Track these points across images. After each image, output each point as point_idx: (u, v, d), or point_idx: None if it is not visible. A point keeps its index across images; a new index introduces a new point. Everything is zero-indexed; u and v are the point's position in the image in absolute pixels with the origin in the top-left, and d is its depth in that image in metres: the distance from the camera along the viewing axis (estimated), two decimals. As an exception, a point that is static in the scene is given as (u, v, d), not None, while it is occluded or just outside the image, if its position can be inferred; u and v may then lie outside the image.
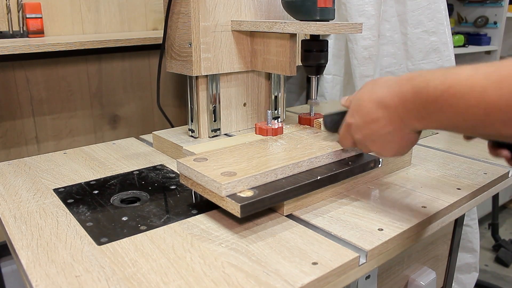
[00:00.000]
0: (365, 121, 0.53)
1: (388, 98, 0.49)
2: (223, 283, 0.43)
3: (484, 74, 0.39)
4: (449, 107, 0.42)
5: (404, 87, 0.47)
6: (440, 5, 1.15)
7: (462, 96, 0.40)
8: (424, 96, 0.44)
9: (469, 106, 0.40)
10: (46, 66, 1.08)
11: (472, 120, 0.40)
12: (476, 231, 1.30)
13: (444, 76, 0.42)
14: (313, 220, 0.56)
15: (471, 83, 0.39)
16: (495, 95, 0.37)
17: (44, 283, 0.43)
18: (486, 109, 0.38)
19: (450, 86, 0.41)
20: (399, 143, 0.51)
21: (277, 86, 0.91)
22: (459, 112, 0.41)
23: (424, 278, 0.70)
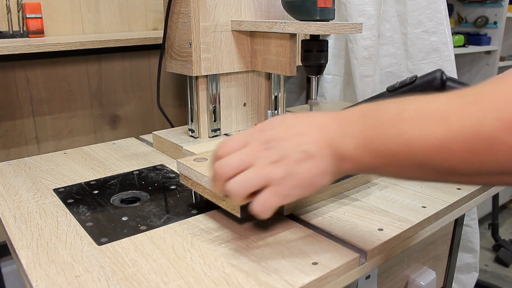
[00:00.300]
0: (286, 130, 0.43)
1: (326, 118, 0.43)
2: (223, 283, 0.43)
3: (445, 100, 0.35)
4: (397, 134, 0.36)
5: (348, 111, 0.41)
6: (440, 5, 1.14)
7: (416, 121, 0.35)
8: (370, 119, 0.38)
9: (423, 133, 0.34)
10: (46, 66, 1.07)
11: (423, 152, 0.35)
12: (476, 231, 1.30)
13: (399, 100, 0.38)
14: (313, 220, 0.56)
15: (430, 108, 0.35)
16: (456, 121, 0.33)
17: (44, 283, 0.43)
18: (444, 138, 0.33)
19: (405, 110, 0.37)
20: (308, 175, 0.41)
21: (277, 86, 0.91)
22: (409, 141, 0.35)
23: (424, 278, 0.70)
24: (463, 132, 0.32)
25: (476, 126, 0.32)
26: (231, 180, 0.42)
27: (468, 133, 0.32)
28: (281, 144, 0.42)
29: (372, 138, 0.37)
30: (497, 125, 0.31)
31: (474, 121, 0.32)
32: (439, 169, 0.35)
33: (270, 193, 0.41)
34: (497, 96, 0.32)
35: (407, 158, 0.36)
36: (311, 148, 0.41)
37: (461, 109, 0.33)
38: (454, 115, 0.33)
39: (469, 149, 0.32)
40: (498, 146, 0.31)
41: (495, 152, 0.31)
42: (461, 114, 0.33)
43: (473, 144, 0.32)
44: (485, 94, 0.33)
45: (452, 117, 0.33)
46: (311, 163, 0.41)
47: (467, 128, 0.32)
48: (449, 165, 0.34)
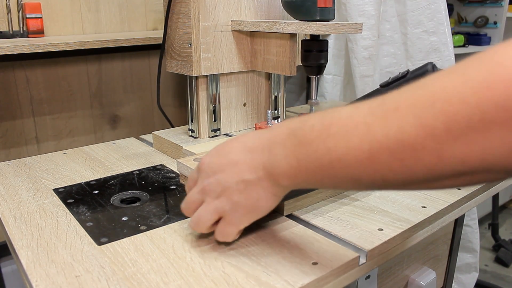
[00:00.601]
0: (222, 162, 0.45)
1: (256, 141, 0.43)
2: (223, 283, 0.43)
3: (367, 109, 0.34)
4: (326, 150, 0.36)
5: (276, 130, 0.41)
6: (440, 5, 1.15)
7: (343, 136, 0.35)
8: (298, 137, 0.38)
9: (350, 148, 0.34)
10: (46, 66, 1.08)
11: (354, 166, 0.34)
12: (476, 231, 1.30)
13: (324, 114, 0.37)
14: (313, 220, 0.56)
15: (354, 121, 0.34)
16: (380, 131, 0.32)
17: (44, 283, 0.43)
18: (370, 150, 0.33)
19: (330, 125, 0.36)
20: (252, 201, 0.44)
21: (277, 86, 0.91)
22: (339, 156, 0.35)
23: (424, 278, 0.70)
24: (388, 141, 0.32)
25: (398, 134, 0.31)
26: (190, 219, 0.48)
27: (392, 142, 0.32)
28: (220, 178, 0.44)
29: (303, 156, 0.38)
30: (419, 131, 0.30)
31: (396, 129, 0.32)
32: (373, 181, 0.35)
33: (224, 224, 0.46)
34: (416, 101, 0.31)
35: (340, 173, 0.36)
36: (247, 176, 0.43)
37: (382, 118, 0.33)
38: (377, 125, 0.33)
39: (396, 158, 0.32)
40: (423, 152, 0.31)
41: (421, 158, 0.31)
42: (383, 123, 0.32)
43: (399, 153, 0.32)
44: (404, 100, 0.32)
45: (375, 128, 0.33)
46: (250, 190, 0.43)
47: (391, 137, 0.32)
48: (381, 176, 0.34)
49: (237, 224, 0.46)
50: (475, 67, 0.29)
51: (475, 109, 0.28)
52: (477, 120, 0.28)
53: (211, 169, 0.46)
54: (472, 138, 0.29)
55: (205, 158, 0.47)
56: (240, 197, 0.44)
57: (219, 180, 0.44)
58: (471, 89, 0.29)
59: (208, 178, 0.46)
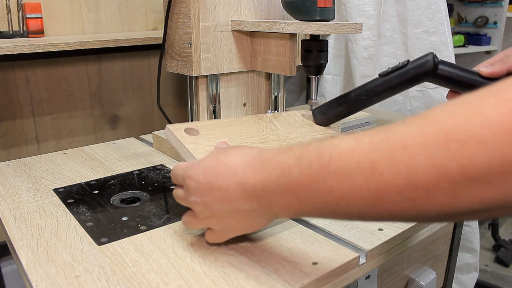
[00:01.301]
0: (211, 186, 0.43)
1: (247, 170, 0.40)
2: (223, 283, 0.43)
3: (370, 145, 0.31)
4: (329, 189, 0.33)
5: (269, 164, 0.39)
6: (440, 5, 1.14)
7: (345, 174, 0.32)
8: (294, 176, 0.36)
9: (355, 186, 0.32)
10: (46, 66, 1.07)
11: (360, 204, 0.32)
12: (476, 231, 1.30)
13: (320, 149, 0.34)
14: (313, 220, 0.56)
15: (355, 159, 0.32)
16: (387, 171, 0.30)
17: (44, 283, 0.43)
18: (378, 190, 0.31)
19: (329, 162, 0.33)
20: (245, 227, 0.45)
21: (277, 86, 0.91)
22: (343, 195, 0.33)
23: (424, 278, 0.70)
24: (397, 182, 0.30)
25: (409, 175, 0.29)
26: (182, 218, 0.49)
27: (402, 183, 0.30)
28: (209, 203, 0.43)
29: (304, 196, 0.36)
30: (431, 172, 0.28)
31: (406, 170, 0.29)
32: (380, 217, 0.33)
33: (211, 235, 0.48)
34: (426, 139, 0.29)
35: (346, 210, 0.34)
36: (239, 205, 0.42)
37: (389, 157, 0.30)
38: (383, 165, 0.30)
39: (407, 198, 0.30)
40: (436, 193, 0.29)
41: (435, 199, 0.29)
42: (391, 163, 0.30)
43: (410, 193, 0.30)
44: (412, 137, 0.30)
45: (381, 167, 0.30)
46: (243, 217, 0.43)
47: (400, 177, 0.30)
48: (389, 214, 0.32)
49: (226, 237, 0.48)
50: (491, 105, 0.27)
51: (495, 152, 0.26)
52: (497, 163, 0.26)
53: (198, 190, 0.44)
54: (491, 181, 0.27)
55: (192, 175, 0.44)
56: (231, 222, 0.45)
57: (207, 204, 0.43)
58: (490, 131, 0.26)
59: (196, 198, 0.44)
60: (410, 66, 0.61)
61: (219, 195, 0.42)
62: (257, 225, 0.45)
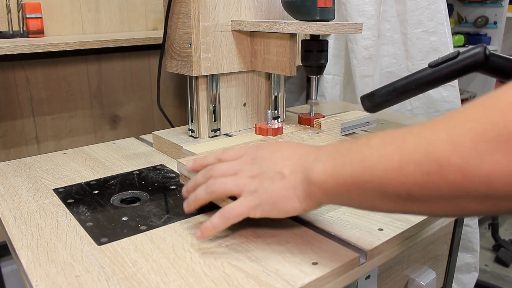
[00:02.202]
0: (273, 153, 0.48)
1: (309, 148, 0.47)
2: (223, 283, 0.43)
3: (409, 128, 0.36)
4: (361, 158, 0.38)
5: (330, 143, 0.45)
6: (440, 5, 1.15)
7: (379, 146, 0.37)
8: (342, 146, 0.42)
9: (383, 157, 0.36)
10: (46, 66, 1.08)
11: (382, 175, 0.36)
12: (476, 231, 1.30)
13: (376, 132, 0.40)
14: (313, 220, 0.56)
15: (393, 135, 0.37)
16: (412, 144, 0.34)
17: (44, 283, 0.43)
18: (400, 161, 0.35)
19: (373, 137, 0.39)
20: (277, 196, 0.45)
21: (277, 86, 0.91)
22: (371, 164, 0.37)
23: (424, 278, 0.70)
24: (417, 154, 0.33)
25: (428, 148, 0.33)
26: (213, 178, 0.49)
27: (421, 155, 0.33)
28: (264, 163, 0.47)
29: (339, 163, 0.40)
30: (446, 146, 0.31)
31: (426, 143, 0.33)
32: (398, 194, 0.36)
33: (239, 201, 0.47)
34: (450, 120, 0.33)
35: (368, 184, 0.37)
36: (286, 171, 0.45)
37: (417, 133, 0.34)
38: (411, 139, 0.34)
39: (423, 172, 0.33)
40: (448, 168, 0.31)
41: (446, 174, 0.32)
42: (417, 137, 0.34)
43: (426, 166, 0.32)
44: (441, 120, 0.34)
45: (408, 141, 0.34)
46: (282, 183, 0.45)
47: (420, 150, 0.33)
48: (406, 189, 0.34)
49: (251, 207, 0.46)
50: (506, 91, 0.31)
51: (502, 130, 0.29)
52: (503, 141, 0.29)
53: (261, 154, 0.48)
54: (497, 160, 0.29)
55: (261, 145, 0.51)
56: (270, 186, 0.45)
57: (262, 164, 0.47)
58: (501, 111, 0.30)
59: (254, 159, 0.48)
60: (460, 57, 0.61)
61: (278, 159, 0.46)
62: (287, 202, 0.45)
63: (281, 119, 0.94)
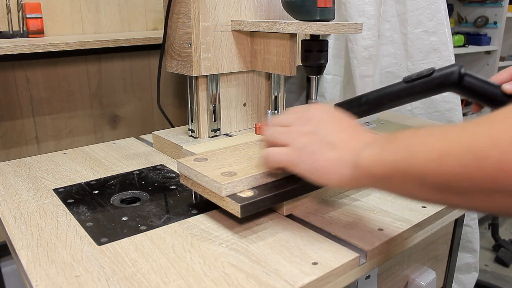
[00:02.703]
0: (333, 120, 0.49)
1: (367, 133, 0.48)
2: (223, 283, 0.43)
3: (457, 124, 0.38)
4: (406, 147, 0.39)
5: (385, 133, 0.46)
6: (440, 5, 1.14)
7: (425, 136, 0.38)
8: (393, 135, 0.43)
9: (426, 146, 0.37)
10: (46, 66, 1.08)
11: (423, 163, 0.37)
12: (476, 231, 1.30)
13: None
14: (313, 220, 0.56)
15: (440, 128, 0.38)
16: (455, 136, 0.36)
17: (44, 283, 0.43)
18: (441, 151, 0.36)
19: (421, 128, 0.40)
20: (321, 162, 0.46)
21: (277, 86, 0.91)
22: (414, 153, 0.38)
23: (424, 278, 0.70)
24: (458, 146, 0.34)
25: (469, 141, 0.34)
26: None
27: (462, 148, 0.34)
28: (320, 125, 0.48)
29: (386, 150, 0.41)
30: (486, 140, 0.32)
31: (468, 136, 0.34)
32: (436, 185, 0.37)
33: (283, 150, 0.49)
34: (493, 117, 0.34)
35: (409, 172, 0.38)
36: (338, 143, 0.46)
37: (461, 127, 0.36)
38: (454, 132, 0.36)
39: (461, 164, 0.34)
40: (485, 161, 0.32)
41: (483, 167, 0.32)
42: (460, 131, 0.36)
43: (465, 159, 0.33)
44: (486, 117, 0.35)
45: (451, 134, 0.36)
46: (331, 154, 0.45)
47: (462, 142, 0.34)
48: (444, 180, 0.35)
49: (291, 162, 0.48)
50: None
51: None
52: None
53: (319, 119, 0.49)
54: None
55: (321, 108, 0.51)
56: (318, 150, 0.46)
57: (318, 125, 0.48)
58: None
59: (312, 118, 0.49)
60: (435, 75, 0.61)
61: (337, 128, 0.47)
62: (328, 172, 0.46)
63: (281, 119, 0.94)
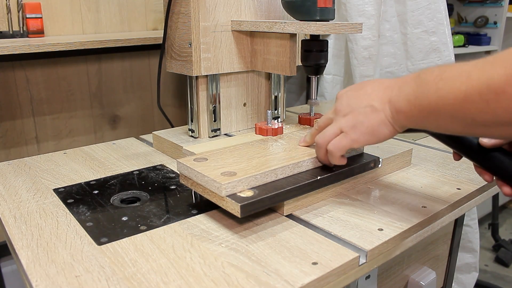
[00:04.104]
0: (358, 92, 0.55)
1: (391, 81, 0.53)
2: (223, 283, 0.43)
3: (474, 62, 0.43)
4: (436, 90, 0.44)
5: (410, 74, 0.51)
6: (440, 5, 1.15)
7: (450, 79, 0.43)
8: (421, 78, 0.47)
9: (452, 88, 0.42)
10: (46, 66, 1.08)
11: (452, 103, 0.43)
12: (476, 231, 1.30)
13: (446, 64, 0.47)
14: (313, 220, 0.56)
15: (461, 69, 0.43)
16: (476, 77, 0.40)
17: (44, 283, 0.43)
18: (466, 92, 0.41)
19: (444, 71, 0.45)
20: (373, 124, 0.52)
21: (277, 86, 0.91)
22: (443, 95, 0.43)
23: (424, 278, 0.70)
24: (480, 85, 0.40)
25: (489, 80, 0.39)
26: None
27: (483, 86, 0.39)
28: (352, 102, 0.54)
29: (419, 94, 0.47)
30: (503, 78, 0.38)
31: (487, 76, 0.39)
32: (465, 119, 0.43)
33: (342, 136, 0.54)
34: (508, 56, 0.39)
35: (442, 111, 0.44)
36: (375, 103, 0.52)
37: (481, 68, 0.41)
38: (475, 73, 0.41)
39: (483, 100, 0.39)
40: (503, 95, 0.38)
41: (501, 101, 0.38)
42: (480, 72, 0.40)
43: (486, 95, 0.39)
44: (501, 55, 0.40)
45: (473, 75, 0.41)
46: (374, 114, 0.52)
47: (483, 81, 0.39)
48: (471, 115, 0.42)
49: (353, 140, 0.53)
50: None
51: None
52: None
53: (347, 97, 0.55)
54: None
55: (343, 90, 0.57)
56: (364, 118, 0.52)
57: (351, 103, 0.54)
58: None
59: (342, 103, 0.55)
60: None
61: (364, 96, 0.53)
62: (383, 127, 0.51)
63: (281, 119, 0.94)
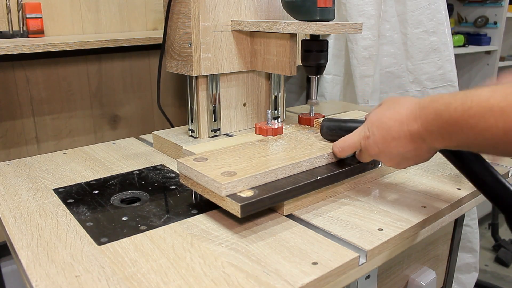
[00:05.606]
0: (385, 138, 0.54)
1: (411, 119, 0.52)
2: (223, 283, 0.43)
3: (502, 95, 0.42)
4: (469, 127, 0.44)
5: (426, 110, 0.50)
6: (440, 5, 1.15)
7: (481, 116, 0.43)
8: (445, 117, 0.47)
9: (488, 126, 0.42)
10: (46, 66, 1.08)
11: (492, 139, 0.43)
12: (476, 231, 1.30)
13: (465, 97, 0.45)
14: (313, 220, 0.56)
15: (490, 105, 0.42)
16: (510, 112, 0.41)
17: (44, 283, 0.43)
18: (504, 128, 0.41)
19: (470, 107, 0.44)
20: (416, 160, 0.54)
21: (277, 86, 0.91)
22: (479, 132, 0.44)
23: (424, 278, 0.70)
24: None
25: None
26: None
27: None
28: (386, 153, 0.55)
29: (451, 134, 0.47)
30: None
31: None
32: (507, 150, 0.44)
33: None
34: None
35: (483, 142, 0.44)
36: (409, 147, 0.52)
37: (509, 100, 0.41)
38: (509, 109, 0.41)
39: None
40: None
41: None
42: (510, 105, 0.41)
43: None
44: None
45: (508, 111, 0.41)
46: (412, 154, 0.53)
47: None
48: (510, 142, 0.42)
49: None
50: None
51: None
52: None
53: (375, 143, 0.56)
54: None
55: (366, 133, 0.57)
56: (404, 161, 0.55)
57: (384, 152, 0.55)
58: None
59: (375, 149, 0.56)
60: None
61: (393, 144, 0.53)
62: (423, 159, 0.54)
63: (281, 119, 0.94)
